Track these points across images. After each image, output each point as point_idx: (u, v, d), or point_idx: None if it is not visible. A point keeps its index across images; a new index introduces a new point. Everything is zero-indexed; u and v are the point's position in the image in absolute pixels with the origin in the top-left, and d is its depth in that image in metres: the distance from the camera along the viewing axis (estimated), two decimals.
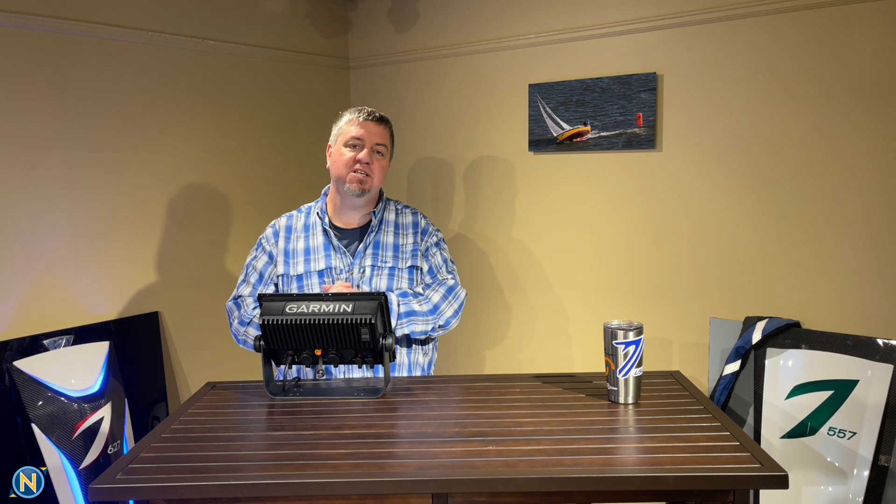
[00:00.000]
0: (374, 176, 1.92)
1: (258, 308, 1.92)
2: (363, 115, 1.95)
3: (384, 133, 1.96)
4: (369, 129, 1.93)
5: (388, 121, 2.00)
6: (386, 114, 2.03)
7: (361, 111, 1.96)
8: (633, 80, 2.50)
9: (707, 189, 2.44)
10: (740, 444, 1.33)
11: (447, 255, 2.06)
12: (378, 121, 1.95)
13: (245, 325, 1.91)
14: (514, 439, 1.38)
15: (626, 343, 1.53)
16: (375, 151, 1.93)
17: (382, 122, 1.96)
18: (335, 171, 1.94)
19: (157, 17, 2.48)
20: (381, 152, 1.95)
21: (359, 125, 1.93)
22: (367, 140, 1.92)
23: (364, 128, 1.93)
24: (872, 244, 2.15)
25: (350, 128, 1.94)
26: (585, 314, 2.76)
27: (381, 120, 1.96)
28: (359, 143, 1.92)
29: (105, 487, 1.24)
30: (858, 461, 2.02)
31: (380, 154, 1.95)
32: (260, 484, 1.24)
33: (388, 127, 1.98)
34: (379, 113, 1.97)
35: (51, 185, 2.22)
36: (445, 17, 2.95)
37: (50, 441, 2.06)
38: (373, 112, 1.96)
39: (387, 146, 1.97)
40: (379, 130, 1.95)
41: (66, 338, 2.23)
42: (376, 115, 1.96)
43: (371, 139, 1.93)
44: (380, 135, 1.94)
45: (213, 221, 2.72)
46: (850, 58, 2.14)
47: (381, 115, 1.97)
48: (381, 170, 1.95)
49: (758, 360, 2.26)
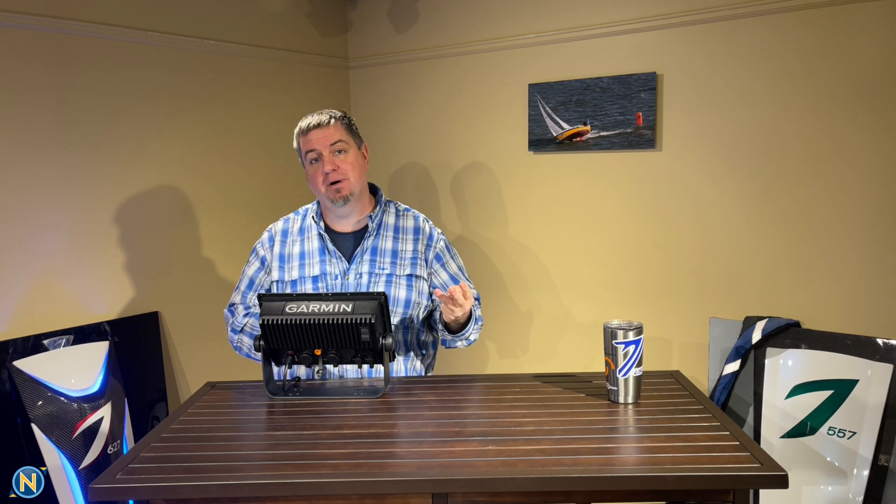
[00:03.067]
0: (349, 176, 1.83)
1: (249, 316, 1.92)
2: (304, 125, 1.86)
3: (334, 131, 1.84)
4: (316, 136, 1.83)
5: (333, 116, 1.86)
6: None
7: (303, 121, 1.87)
8: (632, 79, 2.50)
9: (707, 189, 2.44)
10: (740, 444, 1.33)
11: (460, 261, 2.01)
12: (320, 126, 1.84)
13: (237, 333, 1.90)
14: (514, 439, 1.38)
15: (625, 343, 1.53)
16: (335, 152, 1.84)
17: (326, 124, 1.84)
18: (313, 189, 1.88)
19: (157, 17, 2.48)
20: (341, 150, 1.84)
21: (304, 140, 1.85)
22: (320, 147, 1.83)
23: (311, 138, 1.83)
24: (873, 243, 2.15)
25: (301, 145, 1.87)
26: (585, 314, 2.76)
27: (322, 123, 1.84)
28: (316, 156, 1.84)
29: (105, 487, 1.24)
30: (858, 461, 2.02)
31: (341, 152, 1.85)
32: (260, 484, 1.24)
33: (336, 122, 1.86)
34: (319, 115, 1.86)
35: (51, 185, 2.22)
36: (445, 16, 2.95)
37: (50, 441, 2.06)
38: (313, 117, 1.86)
39: (345, 140, 1.85)
40: (327, 133, 1.83)
41: (66, 338, 2.22)
42: (315, 120, 1.85)
43: (324, 144, 1.83)
44: (329, 135, 1.83)
45: (213, 221, 2.72)
46: (852, 56, 2.14)
47: (323, 118, 1.85)
48: (351, 166, 1.84)
49: (758, 359, 2.26)
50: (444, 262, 1.96)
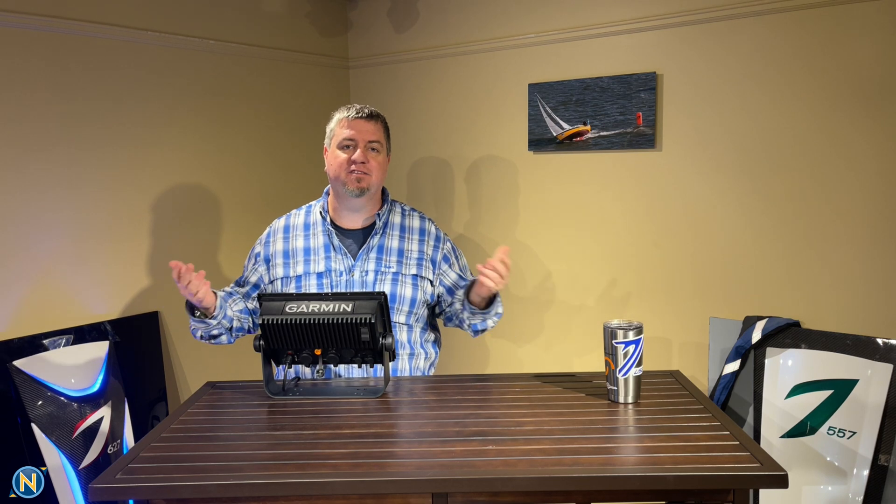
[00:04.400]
0: (373, 174, 1.86)
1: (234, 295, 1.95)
2: (352, 113, 1.88)
3: (376, 129, 1.89)
4: (360, 127, 1.87)
5: (380, 115, 1.93)
6: (386, 113, 1.99)
7: (350, 109, 1.89)
8: (632, 79, 2.50)
9: (707, 188, 2.44)
10: (740, 444, 1.33)
11: (464, 260, 2.05)
12: (368, 118, 1.88)
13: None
14: (513, 439, 1.38)
15: (625, 342, 1.54)
16: (370, 149, 1.87)
17: (373, 119, 1.89)
18: (332, 173, 1.89)
19: (158, 17, 2.48)
20: (375, 149, 1.88)
21: (349, 125, 1.87)
22: (360, 139, 1.86)
23: (354, 127, 1.87)
24: (873, 243, 2.15)
25: (341, 129, 1.88)
26: (585, 313, 2.76)
27: (371, 116, 1.89)
28: (351, 144, 1.86)
29: (105, 487, 1.24)
30: (858, 460, 2.02)
31: (375, 151, 1.88)
32: (260, 484, 1.24)
33: (380, 122, 1.91)
34: (369, 109, 1.91)
35: (51, 185, 2.22)
36: (445, 16, 2.95)
37: (50, 441, 2.06)
38: (362, 109, 1.89)
39: (381, 142, 1.90)
40: (370, 127, 1.88)
41: (65, 338, 2.22)
42: (365, 111, 1.89)
43: (363, 137, 1.86)
44: (372, 131, 1.88)
45: (213, 221, 2.72)
46: (851, 56, 2.14)
47: (371, 112, 1.90)
48: (378, 167, 1.88)
49: (757, 359, 2.26)
50: (451, 262, 1.99)
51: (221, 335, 1.88)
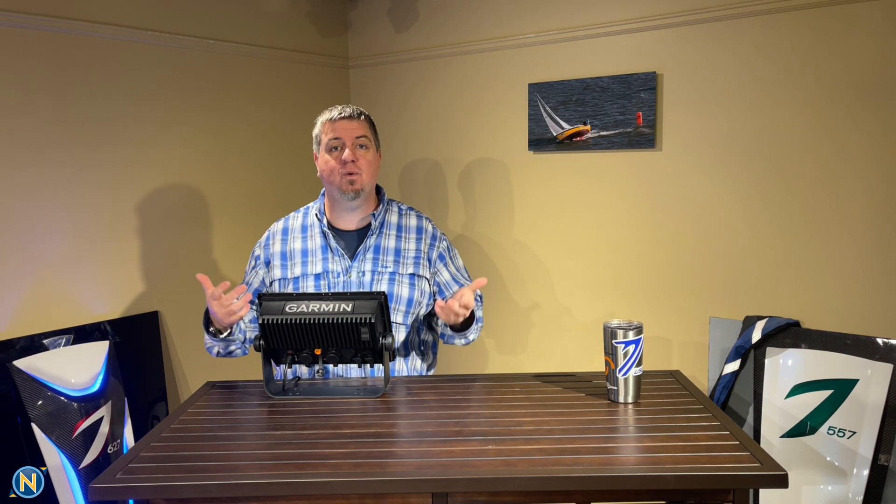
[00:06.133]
0: (363, 172, 1.85)
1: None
2: (335, 114, 1.87)
3: (361, 126, 1.87)
4: (345, 126, 1.86)
5: (363, 113, 1.91)
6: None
7: (333, 111, 1.89)
8: (632, 79, 2.50)
9: (707, 188, 2.44)
10: (740, 444, 1.33)
11: (460, 261, 2.03)
12: (350, 117, 1.87)
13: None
14: (513, 439, 1.38)
15: (625, 342, 1.54)
16: (358, 146, 1.86)
17: (356, 117, 1.88)
18: (325, 178, 1.88)
19: (158, 17, 2.48)
20: (364, 145, 1.87)
21: (333, 127, 1.86)
22: (346, 137, 1.85)
23: (339, 127, 1.86)
24: (873, 243, 2.15)
25: (326, 132, 1.87)
26: (585, 313, 2.76)
27: (353, 115, 1.88)
28: (339, 144, 1.85)
29: (105, 487, 1.24)
30: (858, 460, 2.02)
31: (363, 147, 1.87)
32: (260, 483, 1.24)
33: (364, 119, 1.89)
34: (351, 108, 1.89)
35: (51, 185, 2.22)
36: (445, 16, 2.95)
37: (50, 441, 2.06)
38: (344, 109, 1.89)
39: (368, 137, 1.88)
40: (354, 126, 1.86)
41: (65, 337, 2.23)
42: (347, 111, 1.88)
43: (349, 135, 1.85)
44: (357, 128, 1.86)
45: (213, 221, 2.72)
46: (852, 56, 2.14)
47: (353, 111, 1.89)
48: (368, 164, 1.86)
49: (757, 359, 2.26)
50: (446, 261, 1.98)
51: (237, 350, 1.88)
